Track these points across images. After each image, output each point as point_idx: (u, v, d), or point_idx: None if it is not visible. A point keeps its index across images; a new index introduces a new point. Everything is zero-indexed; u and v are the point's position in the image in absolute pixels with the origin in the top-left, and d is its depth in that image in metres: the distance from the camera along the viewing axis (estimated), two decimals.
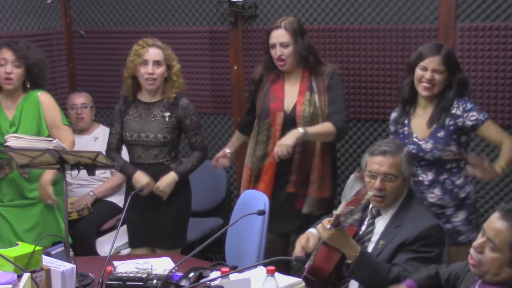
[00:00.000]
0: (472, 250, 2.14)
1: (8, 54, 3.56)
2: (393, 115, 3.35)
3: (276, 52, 3.48)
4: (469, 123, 3.11)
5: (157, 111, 3.51)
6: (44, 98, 3.65)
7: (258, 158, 3.58)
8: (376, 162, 2.71)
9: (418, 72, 3.12)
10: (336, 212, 2.55)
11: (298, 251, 2.81)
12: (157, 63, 3.46)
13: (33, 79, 3.64)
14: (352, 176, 3.72)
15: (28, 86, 3.63)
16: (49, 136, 3.55)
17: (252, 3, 4.24)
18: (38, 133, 3.58)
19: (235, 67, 4.39)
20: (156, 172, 3.50)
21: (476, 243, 2.12)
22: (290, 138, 3.31)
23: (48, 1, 4.66)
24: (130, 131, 3.52)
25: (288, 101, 3.53)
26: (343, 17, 4.02)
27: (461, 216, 3.16)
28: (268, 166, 3.54)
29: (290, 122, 3.48)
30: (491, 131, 3.13)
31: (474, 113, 3.10)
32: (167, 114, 3.50)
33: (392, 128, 3.36)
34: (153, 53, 3.47)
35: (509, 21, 3.61)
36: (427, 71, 3.10)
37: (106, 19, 4.81)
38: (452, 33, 3.72)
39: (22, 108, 3.61)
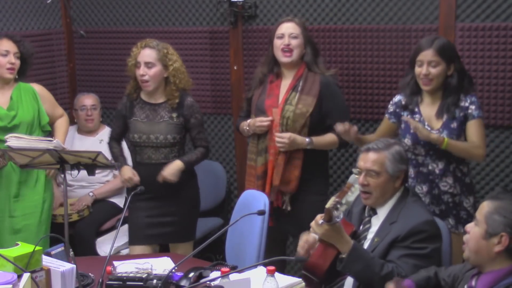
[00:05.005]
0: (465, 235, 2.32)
1: (10, 46, 3.65)
2: (397, 97, 3.35)
3: (283, 42, 3.49)
4: (468, 114, 3.17)
5: (164, 112, 3.55)
6: (38, 88, 3.80)
7: (263, 150, 3.55)
8: (362, 158, 2.80)
9: (417, 68, 3.19)
10: (326, 206, 2.57)
11: (301, 245, 2.82)
12: (148, 64, 3.48)
13: (23, 70, 3.73)
14: (352, 176, 3.73)
15: (16, 76, 3.71)
16: (45, 126, 3.73)
17: (252, 3, 4.24)
18: (36, 122, 3.69)
19: (235, 67, 4.39)
20: None
21: (467, 225, 2.31)
22: (294, 145, 3.42)
23: (48, 1, 4.66)
24: (138, 133, 3.56)
25: (280, 98, 3.54)
26: (343, 17, 4.02)
27: (471, 201, 3.23)
28: (269, 165, 3.53)
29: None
30: (474, 129, 3.16)
31: (474, 106, 3.16)
32: (174, 114, 3.54)
33: (391, 108, 3.36)
34: (144, 54, 3.50)
35: (509, 21, 3.61)
36: (423, 66, 3.16)
37: (106, 19, 4.81)
38: (452, 33, 3.72)
39: (17, 96, 3.68)
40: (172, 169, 3.49)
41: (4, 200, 3.66)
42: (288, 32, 3.50)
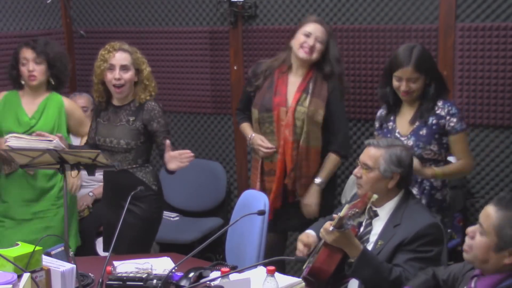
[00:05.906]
0: (466, 238, 2.23)
1: (28, 53, 3.62)
2: (380, 110, 3.36)
3: (308, 42, 3.43)
4: (448, 127, 3.10)
5: (123, 115, 3.35)
6: (68, 103, 3.76)
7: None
8: (364, 151, 2.83)
9: (395, 82, 3.14)
10: (339, 214, 2.55)
11: (300, 249, 2.82)
12: (124, 67, 3.31)
13: (55, 74, 3.69)
14: (352, 176, 3.72)
15: (53, 82, 3.69)
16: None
17: (252, 3, 4.24)
18: (52, 132, 3.58)
19: (235, 67, 4.39)
20: (119, 179, 3.33)
21: (469, 228, 2.22)
22: (315, 196, 3.51)
23: (48, 1, 4.67)
24: (99, 135, 3.40)
25: (289, 97, 3.53)
26: (343, 17, 4.03)
27: (438, 218, 3.11)
28: (278, 164, 3.54)
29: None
30: (458, 144, 3.12)
31: (455, 119, 3.09)
32: (131, 118, 3.32)
33: (377, 124, 3.37)
34: (120, 57, 3.32)
35: (509, 21, 3.61)
36: (402, 81, 3.10)
37: (106, 19, 4.82)
38: (452, 33, 3.73)
39: (45, 106, 3.67)
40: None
41: (19, 203, 3.66)
42: (315, 35, 3.45)
